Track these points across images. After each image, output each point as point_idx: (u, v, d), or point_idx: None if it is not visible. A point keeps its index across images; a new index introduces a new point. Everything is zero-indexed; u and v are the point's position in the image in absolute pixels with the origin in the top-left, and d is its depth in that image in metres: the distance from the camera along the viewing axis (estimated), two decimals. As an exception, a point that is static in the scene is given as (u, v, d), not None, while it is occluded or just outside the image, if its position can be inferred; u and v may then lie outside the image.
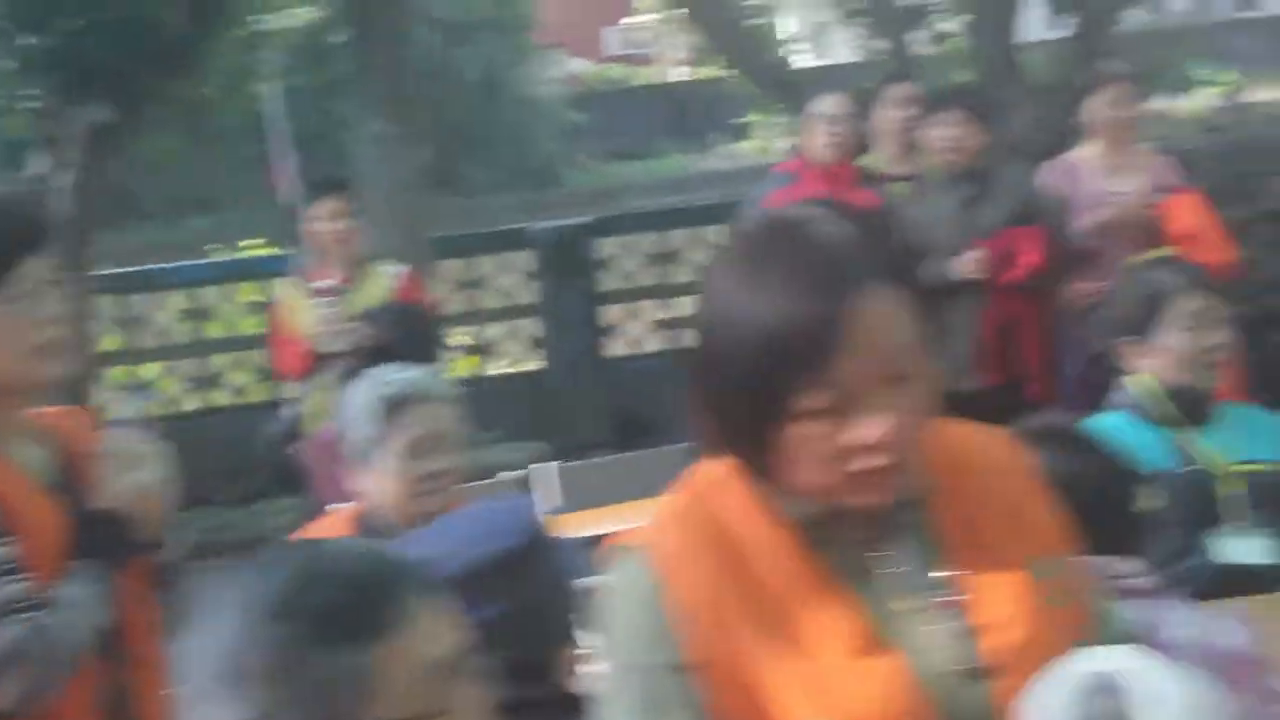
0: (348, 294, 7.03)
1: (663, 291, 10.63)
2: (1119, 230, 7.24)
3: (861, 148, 7.44)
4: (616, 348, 10.85)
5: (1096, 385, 7.22)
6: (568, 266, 10.62)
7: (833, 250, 2.08)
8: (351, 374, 4.75)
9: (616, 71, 38.72)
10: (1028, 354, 7.23)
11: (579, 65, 38.72)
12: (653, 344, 10.81)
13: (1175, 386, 4.46)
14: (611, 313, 10.84)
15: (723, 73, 12.22)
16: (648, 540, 2.25)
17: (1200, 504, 4.35)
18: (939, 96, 7.45)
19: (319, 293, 6.97)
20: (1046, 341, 7.31)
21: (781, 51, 12.22)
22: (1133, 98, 7.44)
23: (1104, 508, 2.96)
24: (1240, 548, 4.33)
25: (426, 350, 7.00)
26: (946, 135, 7.16)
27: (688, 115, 33.94)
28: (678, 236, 10.56)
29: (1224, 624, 3.01)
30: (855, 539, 2.22)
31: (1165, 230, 7.24)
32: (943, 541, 2.24)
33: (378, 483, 3.90)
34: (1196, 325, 4.47)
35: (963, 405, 6.64)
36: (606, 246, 10.75)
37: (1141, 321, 4.53)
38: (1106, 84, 7.41)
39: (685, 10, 11.34)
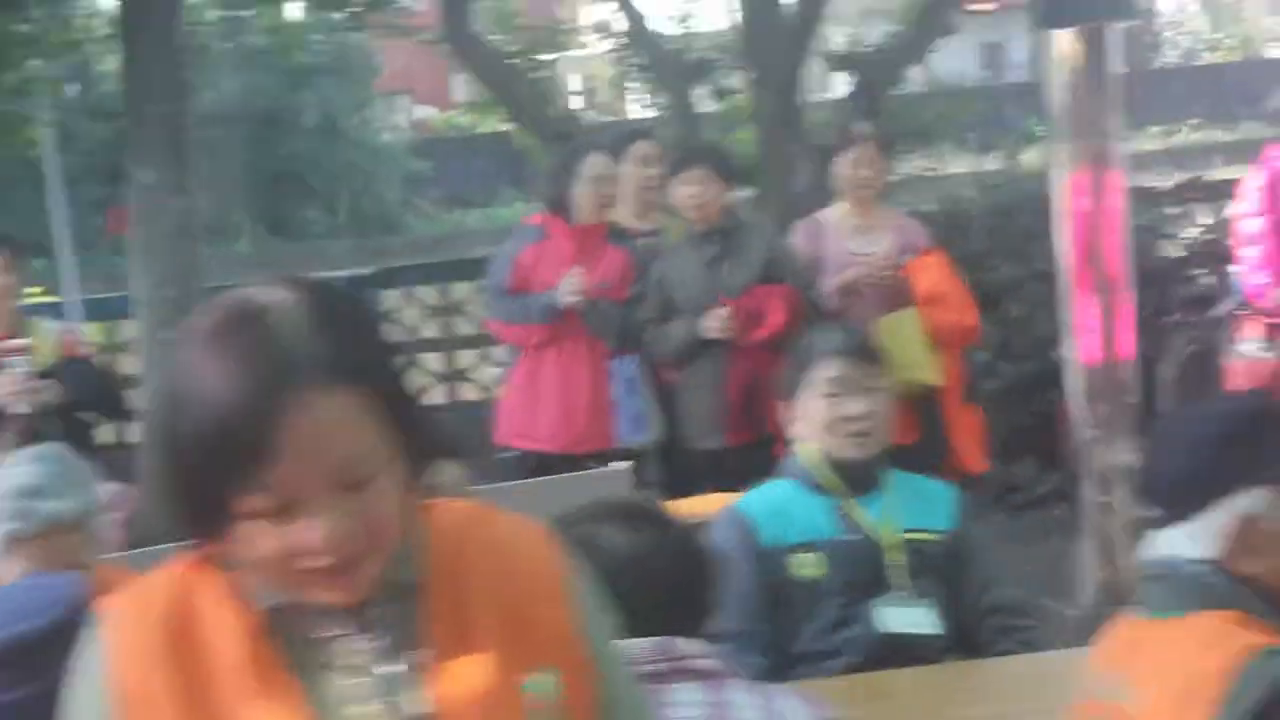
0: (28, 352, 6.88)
1: (445, 344, 10.57)
2: (864, 291, 7.26)
3: (611, 203, 7.42)
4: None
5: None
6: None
7: (280, 346, 1.99)
8: (30, 436, 4.62)
9: (464, 118, 38.56)
10: (773, 413, 7.21)
11: (426, 112, 38.59)
12: (436, 396, 10.74)
13: (843, 455, 4.45)
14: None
15: (505, 125, 12.22)
16: (107, 614, 2.18)
17: (862, 573, 4.35)
18: (683, 154, 7.45)
19: (5, 352, 6.81)
20: (793, 400, 7.30)
21: (564, 103, 12.20)
22: (877, 159, 7.46)
23: (674, 587, 2.91)
24: (901, 617, 4.33)
25: (109, 407, 6.90)
26: (691, 193, 7.16)
27: (532, 163, 33.88)
28: (460, 288, 10.49)
29: (791, 704, 2.97)
30: (326, 633, 2.15)
31: (910, 291, 7.27)
32: (427, 641, 2.17)
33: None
34: (837, 392, 4.45)
35: (710, 464, 6.66)
36: (388, 298, 10.69)
37: (792, 386, 4.53)
38: (852, 144, 7.42)
39: (463, 62, 11.31)
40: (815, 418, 4.45)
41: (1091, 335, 7.39)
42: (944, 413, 7.34)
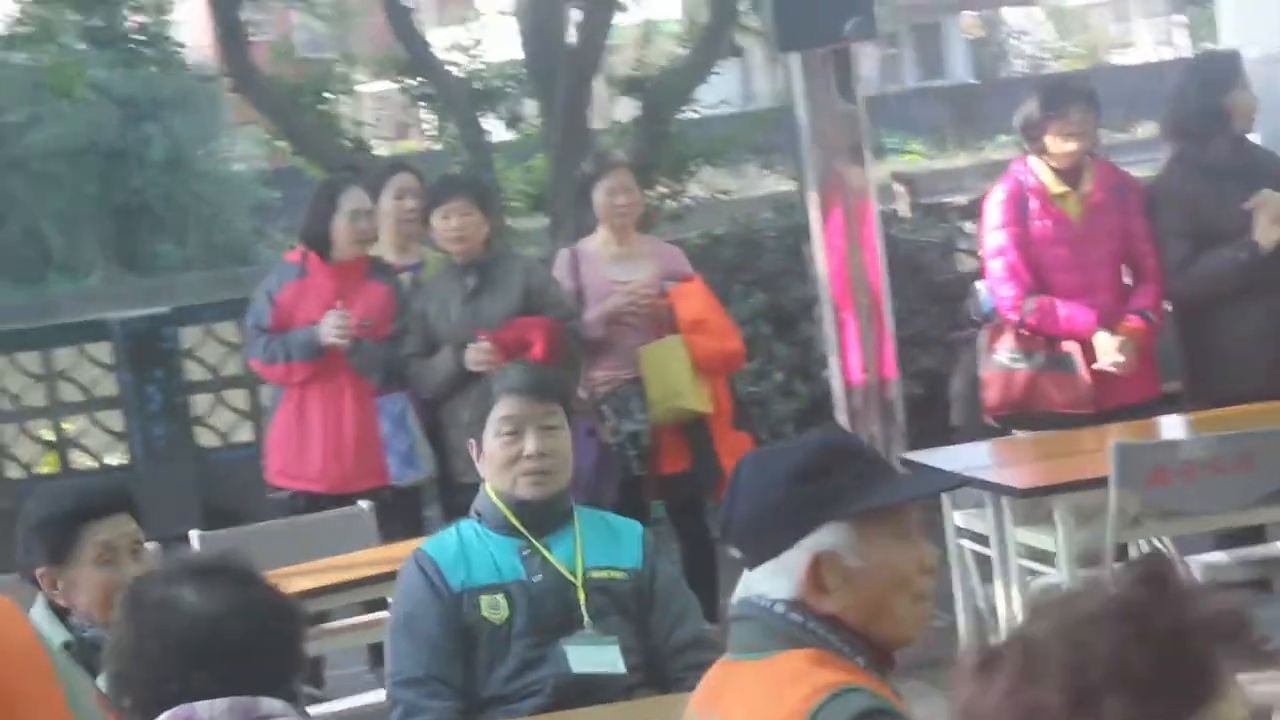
0: None
1: (247, 380, 10.47)
2: (626, 319, 7.26)
3: (371, 238, 7.38)
4: (206, 438, 10.70)
5: (609, 475, 7.28)
6: (148, 357, 10.45)
7: None
8: None
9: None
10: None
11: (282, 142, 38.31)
12: (243, 434, 10.66)
13: (522, 495, 4.43)
14: (200, 402, 10.69)
15: (292, 159, 12.14)
16: None
17: (549, 613, 4.33)
18: (442, 186, 7.43)
19: None
20: (556, 432, 7.29)
21: (353, 136, 12.19)
22: (632, 186, 7.44)
23: (255, 646, 2.88)
24: (587, 656, 4.32)
25: None
26: (451, 226, 7.13)
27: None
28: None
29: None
30: None
31: (672, 318, 7.28)
32: None
33: None
34: (513, 430, 4.43)
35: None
36: (189, 335, 10.62)
37: (475, 424, 4.52)
38: (607, 172, 7.41)
39: (244, 95, 11.26)
40: (493, 457, 4.43)
41: (853, 357, 7.46)
42: (714, 439, 7.35)
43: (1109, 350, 6.71)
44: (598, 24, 10.24)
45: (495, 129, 11.41)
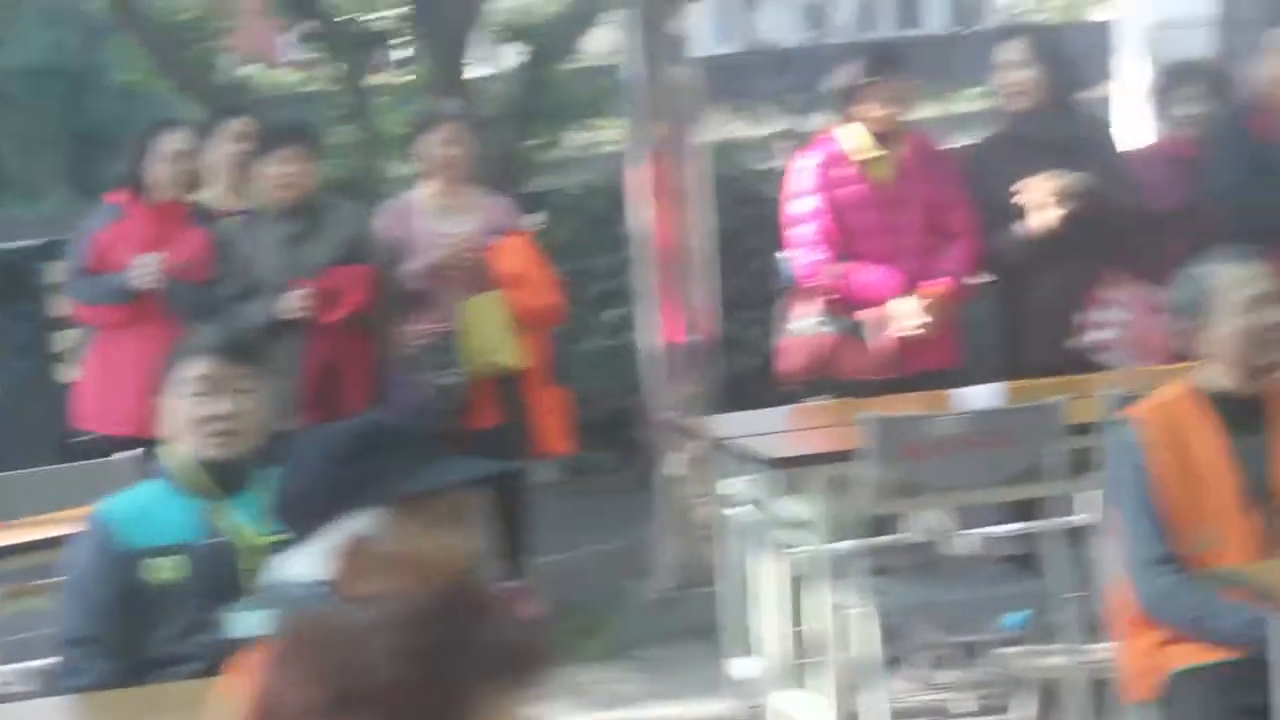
0: None
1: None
2: (447, 272, 7.19)
3: (197, 182, 7.30)
4: (70, 373, 10.61)
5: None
6: (13, 290, 10.35)
7: None
8: None
9: (293, 76, 38.06)
10: (352, 394, 7.18)
11: (252, 69, 38.13)
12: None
13: (208, 456, 4.36)
14: (66, 338, 10.59)
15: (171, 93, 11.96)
16: None
17: (219, 577, 4.26)
18: (274, 131, 7.35)
19: None
20: (372, 382, 7.26)
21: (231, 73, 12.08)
22: (467, 137, 7.37)
23: None
24: (253, 621, 4.25)
25: None
26: (280, 171, 7.08)
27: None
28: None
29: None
30: None
31: (492, 272, 7.22)
32: None
33: None
34: (204, 391, 4.34)
35: (285, 445, 6.57)
36: (57, 270, 10.51)
37: (162, 384, 4.44)
38: (440, 123, 7.36)
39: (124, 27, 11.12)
40: (181, 416, 4.35)
41: (670, 317, 7.40)
42: (527, 395, 7.31)
43: (910, 313, 6.59)
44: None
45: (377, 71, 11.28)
